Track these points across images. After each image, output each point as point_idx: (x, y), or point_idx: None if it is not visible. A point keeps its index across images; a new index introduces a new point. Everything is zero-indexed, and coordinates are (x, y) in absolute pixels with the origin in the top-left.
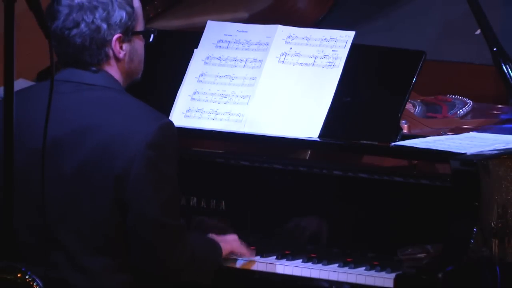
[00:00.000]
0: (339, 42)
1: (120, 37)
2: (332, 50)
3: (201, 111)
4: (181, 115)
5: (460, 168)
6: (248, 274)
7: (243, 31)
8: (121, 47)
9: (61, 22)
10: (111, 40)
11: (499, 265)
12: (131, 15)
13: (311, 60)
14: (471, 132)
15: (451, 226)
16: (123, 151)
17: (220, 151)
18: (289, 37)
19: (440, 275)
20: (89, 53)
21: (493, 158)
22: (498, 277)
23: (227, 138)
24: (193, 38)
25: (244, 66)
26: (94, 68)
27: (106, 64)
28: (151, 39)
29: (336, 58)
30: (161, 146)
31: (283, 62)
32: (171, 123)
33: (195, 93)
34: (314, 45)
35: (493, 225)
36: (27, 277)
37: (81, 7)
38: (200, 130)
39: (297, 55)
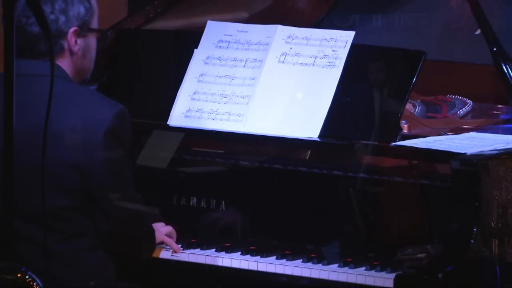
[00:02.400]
0: (339, 42)
1: (76, 30)
2: (332, 50)
3: (201, 111)
4: (181, 115)
5: (460, 168)
6: (248, 274)
7: (243, 31)
8: (75, 41)
9: (20, 10)
10: (67, 32)
11: (499, 265)
12: (89, 10)
13: (311, 60)
14: (471, 132)
15: (451, 226)
16: (82, 142)
17: (220, 151)
18: (289, 37)
19: (440, 275)
20: (44, 43)
21: (493, 158)
22: (498, 277)
23: (227, 138)
24: (193, 38)
25: (244, 66)
26: (46, 59)
27: (60, 56)
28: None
29: (336, 58)
30: (118, 133)
31: (283, 62)
32: (125, 109)
33: (195, 93)
34: (314, 45)
35: (493, 225)
36: (27, 277)
37: None
38: (200, 130)
39: (297, 55)
